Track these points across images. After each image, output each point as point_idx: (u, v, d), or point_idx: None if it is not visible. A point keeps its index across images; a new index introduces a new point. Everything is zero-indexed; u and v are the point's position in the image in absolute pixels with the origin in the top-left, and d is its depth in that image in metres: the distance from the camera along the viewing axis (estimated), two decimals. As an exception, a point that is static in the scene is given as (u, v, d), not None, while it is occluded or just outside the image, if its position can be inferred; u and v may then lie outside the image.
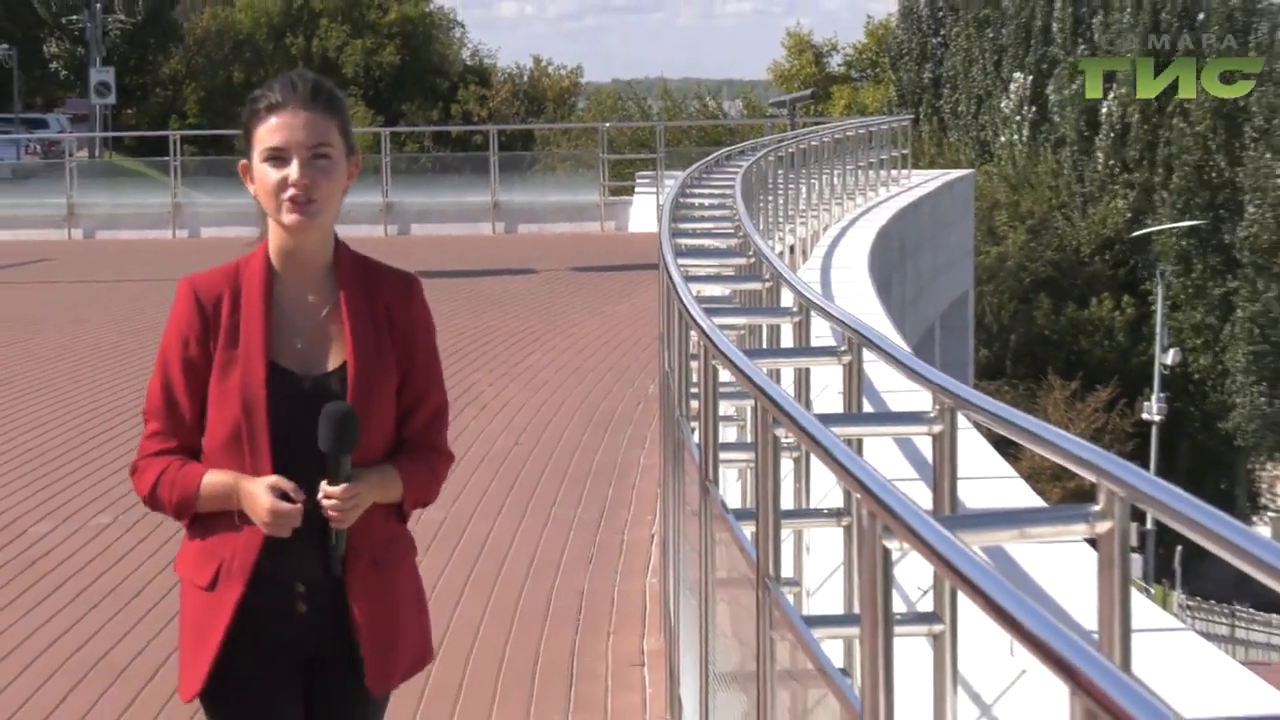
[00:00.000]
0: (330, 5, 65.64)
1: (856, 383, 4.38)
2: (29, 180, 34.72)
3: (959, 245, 28.68)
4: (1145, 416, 47.45)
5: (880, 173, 24.32)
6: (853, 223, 19.60)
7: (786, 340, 5.76)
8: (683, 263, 6.51)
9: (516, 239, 28.24)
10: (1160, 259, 55.03)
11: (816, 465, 4.36)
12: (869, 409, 5.26)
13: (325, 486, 3.45)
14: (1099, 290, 55.63)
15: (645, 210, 27.59)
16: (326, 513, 3.45)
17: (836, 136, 21.37)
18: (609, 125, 34.17)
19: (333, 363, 3.53)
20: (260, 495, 3.43)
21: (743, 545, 3.63)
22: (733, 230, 8.80)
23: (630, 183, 31.10)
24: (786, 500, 4.36)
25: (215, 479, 3.48)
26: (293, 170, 3.44)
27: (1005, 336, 53.90)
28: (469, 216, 29.01)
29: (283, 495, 3.43)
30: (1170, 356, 49.41)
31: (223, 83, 60.20)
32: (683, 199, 10.93)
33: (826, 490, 4.88)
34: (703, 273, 7.11)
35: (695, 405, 4.75)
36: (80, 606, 7.72)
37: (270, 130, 3.46)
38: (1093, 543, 2.58)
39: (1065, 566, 4.53)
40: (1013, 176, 57.47)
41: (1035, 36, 60.30)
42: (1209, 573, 44.01)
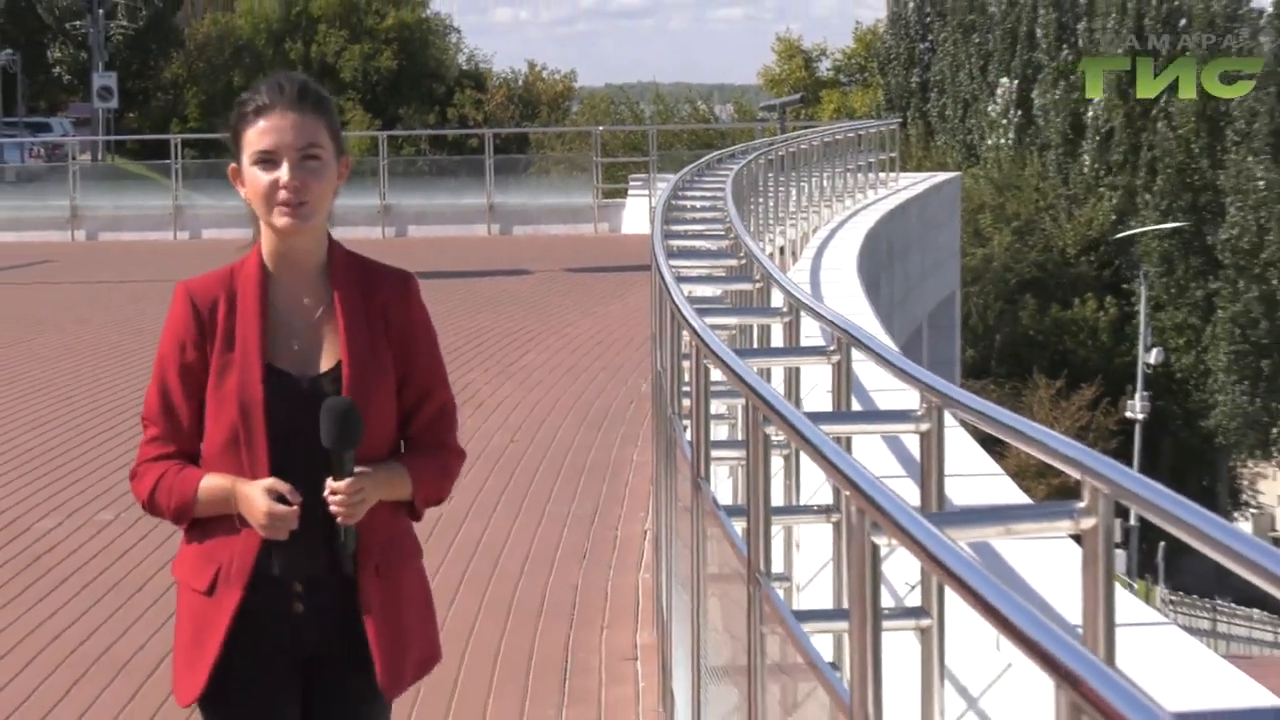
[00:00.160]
0: (329, 11, 65.43)
1: (845, 382, 4.37)
2: (33, 183, 34.71)
3: (946, 247, 28.67)
4: (1129, 415, 47.46)
5: (869, 175, 24.29)
6: (842, 224, 19.56)
7: (777, 340, 5.77)
8: (675, 264, 6.55)
9: (511, 241, 28.20)
10: (1144, 260, 55.06)
11: (806, 463, 4.36)
12: (858, 407, 5.25)
13: (330, 483, 3.40)
14: (1083, 291, 55.55)
15: (638, 212, 27.55)
16: (332, 509, 3.40)
17: (826, 140, 21.34)
18: (602, 129, 34.14)
19: (328, 363, 3.48)
20: (256, 498, 3.39)
21: (734, 541, 3.63)
22: (724, 232, 8.79)
23: (623, 185, 31.06)
24: (777, 497, 4.31)
25: (213, 483, 3.45)
26: (283, 173, 3.41)
27: (991, 336, 53.88)
28: (465, 218, 28.99)
29: (279, 498, 3.39)
30: (1153, 356, 49.55)
31: (223, 87, 60.01)
32: (675, 201, 10.94)
33: (816, 487, 4.87)
34: (694, 274, 7.12)
35: (687, 404, 4.77)
36: (83, 601, 7.75)
37: (259, 133, 3.43)
38: (1077, 539, 2.61)
39: (1050, 562, 4.53)
40: (999, 179, 57.48)
41: (1021, 42, 60.24)
42: (1191, 568, 43.96)
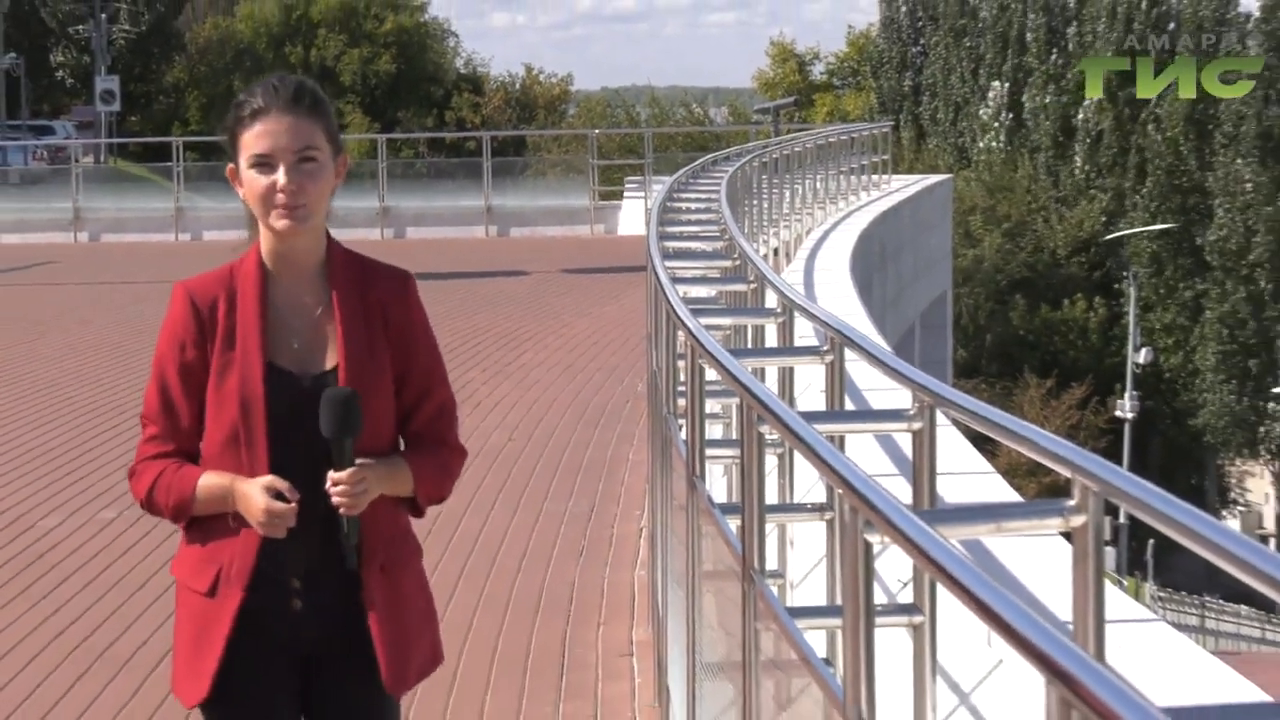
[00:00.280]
0: (328, 16, 65.53)
1: (838, 381, 4.39)
2: (36, 185, 34.75)
3: (938, 248, 28.73)
4: (1118, 414, 47.61)
5: (861, 178, 24.31)
6: (835, 226, 19.58)
7: (771, 340, 5.80)
8: (670, 265, 6.56)
9: (509, 242, 28.25)
10: (1133, 261, 55.27)
11: (800, 461, 4.39)
12: (851, 407, 5.23)
13: (332, 473, 3.39)
14: (1073, 291, 55.75)
15: (634, 214, 27.57)
16: (334, 500, 3.39)
17: (819, 142, 21.39)
18: (598, 132, 34.10)
19: (329, 362, 3.47)
20: (255, 495, 3.37)
21: (728, 539, 3.63)
22: (718, 233, 8.80)
23: (619, 187, 31.05)
24: (771, 495, 4.34)
25: (211, 481, 3.43)
26: (280, 176, 3.39)
27: (982, 336, 54.04)
28: (463, 220, 29.02)
29: (278, 495, 3.37)
30: (1142, 356, 49.84)
31: (224, 90, 59.99)
32: (670, 203, 10.97)
33: (809, 485, 4.87)
34: (689, 275, 7.12)
35: (682, 403, 4.75)
36: (85, 599, 7.79)
37: (255, 137, 3.41)
38: (1067, 536, 2.62)
39: (1041, 559, 4.55)
40: (990, 181, 57.63)
41: (1011, 45, 60.40)
42: (1180, 565, 44.03)
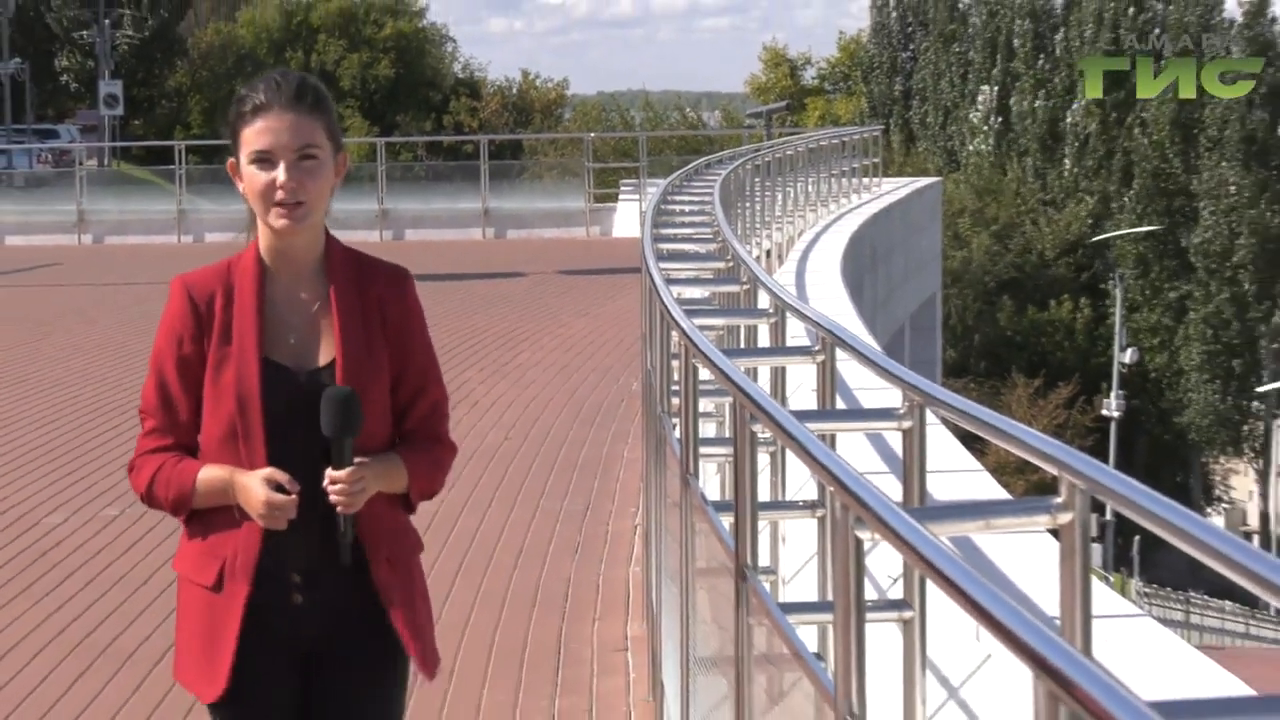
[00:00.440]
0: (328, 21, 65.58)
1: (830, 380, 4.43)
2: (41, 188, 34.82)
3: (928, 249, 28.81)
4: (1104, 413, 47.71)
5: (852, 180, 24.43)
6: (826, 228, 19.66)
7: (763, 340, 5.79)
8: (664, 266, 6.60)
9: (506, 244, 28.31)
10: (1119, 263, 55.50)
11: (792, 459, 4.38)
12: (842, 406, 5.28)
13: (330, 472, 3.39)
14: (1060, 292, 55.96)
15: (629, 216, 27.56)
16: (332, 498, 3.39)
17: (810, 146, 21.49)
18: (594, 135, 34.17)
19: (325, 358, 3.47)
20: (255, 488, 3.37)
21: (721, 536, 3.64)
22: (712, 235, 8.86)
23: (614, 190, 31.07)
24: (763, 493, 4.42)
25: (211, 474, 3.43)
26: (280, 173, 3.39)
27: (971, 336, 54.21)
28: (461, 222, 29.09)
29: (278, 487, 3.37)
30: (1128, 356, 50.02)
31: (226, 95, 59.86)
32: (664, 206, 10.99)
33: (801, 483, 4.90)
34: (683, 276, 7.16)
35: (676, 402, 4.79)
36: (89, 595, 7.84)
37: (256, 133, 3.40)
38: (1055, 533, 2.67)
39: (1029, 556, 4.59)
40: (979, 184, 57.79)
41: (1000, 51, 60.56)
42: (1165, 561, 44.17)
